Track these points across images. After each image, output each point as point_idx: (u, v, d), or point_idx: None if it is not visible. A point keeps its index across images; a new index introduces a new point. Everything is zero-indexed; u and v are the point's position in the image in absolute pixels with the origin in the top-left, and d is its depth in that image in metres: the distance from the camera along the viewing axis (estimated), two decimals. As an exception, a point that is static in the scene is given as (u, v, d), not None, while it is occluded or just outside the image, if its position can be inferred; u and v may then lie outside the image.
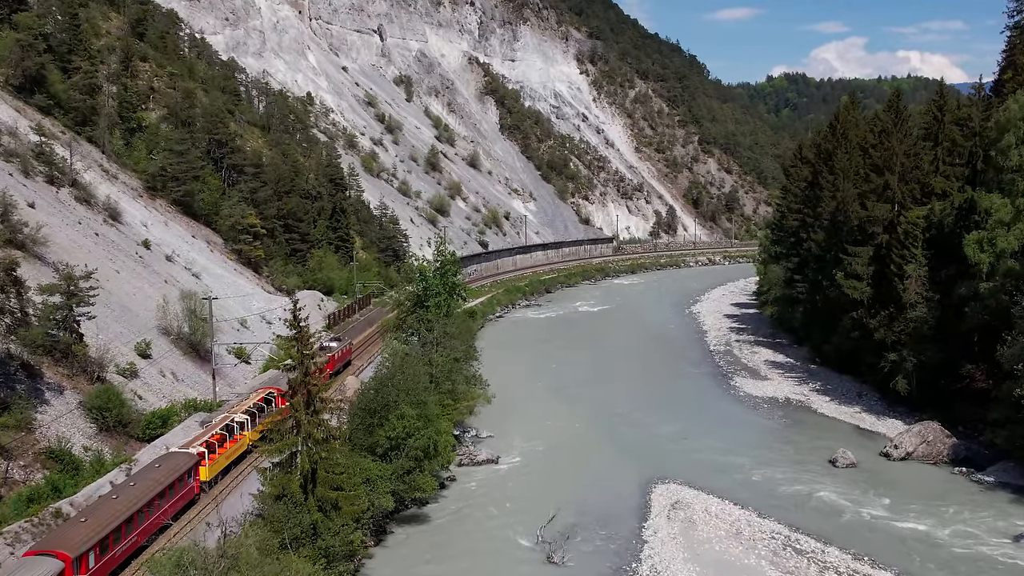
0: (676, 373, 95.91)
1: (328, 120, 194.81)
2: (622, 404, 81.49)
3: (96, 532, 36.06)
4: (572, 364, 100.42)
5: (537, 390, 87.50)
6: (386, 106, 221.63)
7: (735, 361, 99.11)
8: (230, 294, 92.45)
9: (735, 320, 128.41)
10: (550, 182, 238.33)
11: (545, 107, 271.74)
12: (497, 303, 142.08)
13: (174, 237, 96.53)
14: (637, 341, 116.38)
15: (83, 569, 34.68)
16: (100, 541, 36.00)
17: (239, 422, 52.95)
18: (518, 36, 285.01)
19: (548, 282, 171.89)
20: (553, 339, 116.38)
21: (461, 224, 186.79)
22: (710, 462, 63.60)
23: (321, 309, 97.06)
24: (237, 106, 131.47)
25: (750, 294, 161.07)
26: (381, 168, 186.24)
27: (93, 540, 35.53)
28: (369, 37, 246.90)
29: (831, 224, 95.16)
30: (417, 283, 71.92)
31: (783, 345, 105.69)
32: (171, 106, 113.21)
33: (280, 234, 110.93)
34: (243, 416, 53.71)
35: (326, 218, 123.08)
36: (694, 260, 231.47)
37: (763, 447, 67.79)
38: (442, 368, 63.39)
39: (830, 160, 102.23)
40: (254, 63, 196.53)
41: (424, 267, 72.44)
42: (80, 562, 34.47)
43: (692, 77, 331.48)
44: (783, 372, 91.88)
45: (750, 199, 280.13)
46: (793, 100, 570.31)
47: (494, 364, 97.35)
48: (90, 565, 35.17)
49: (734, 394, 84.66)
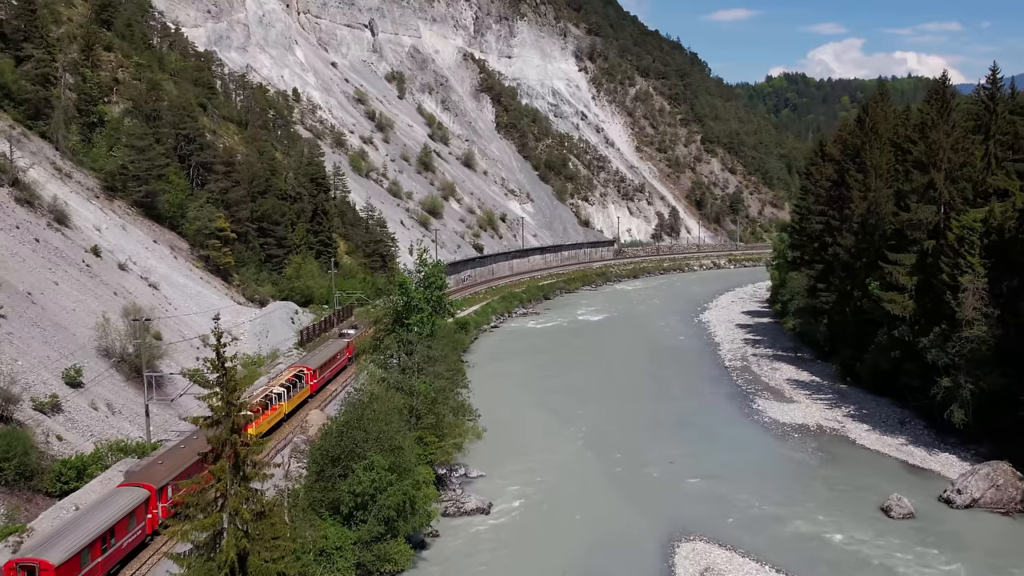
0: (691, 393, 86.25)
1: (315, 117, 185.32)
2: (633, 432, 71.84)
3: (171, 471, 43.63)
4: (574, 382, 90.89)
5: (536, 415, 77.89)
6: (377, 103, 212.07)
7: (755, 379, 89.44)
8: (193, 306, 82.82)
9: (749, 331, 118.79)
10: (548, 182, 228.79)
11: (543, 105, 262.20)
12: (492, 311, 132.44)
13: (132, 243, 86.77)
14: (645, 355, 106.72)
15: (163, 498, 42.36)
16: (175, 478, 43.21)
17: (277, 394, 60.35)
18: (515, 32, 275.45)
19: (547, 288, 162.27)
20: (553, 353, 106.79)
21: (455, 226, 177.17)
22: (742, 511, 53.93)
23: (295, 323, 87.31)
24: (211, 100, 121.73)
25: (762, 301, 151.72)
26: (370, 168, 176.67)
27: (170, 477, 43.21)
28: (360, 32, 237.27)
29: (861, 227, 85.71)
30: (396, 297, 62.22)
31: (806, 361, 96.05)
32: (136, 99, 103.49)
33: (254, 239, 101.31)
34: (280, 388, 61.24)
35: (306, 221, 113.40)
36: (698, 264, 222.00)
37: (801, 489, 58.14)
38: (425, 399, 53.72)
39: (858, 157, 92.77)
40: (237, 58, 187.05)
41: (405, 279, 62.55)
42: (161, 492, 42.29)
43: (694, 74, 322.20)
44: (810, 393, 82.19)
45: (755, 200, 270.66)
46: (793, 100, 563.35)
47: (488, 383, 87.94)
48: (169, 495, 42.38)
49: (758, 419, 74.95)
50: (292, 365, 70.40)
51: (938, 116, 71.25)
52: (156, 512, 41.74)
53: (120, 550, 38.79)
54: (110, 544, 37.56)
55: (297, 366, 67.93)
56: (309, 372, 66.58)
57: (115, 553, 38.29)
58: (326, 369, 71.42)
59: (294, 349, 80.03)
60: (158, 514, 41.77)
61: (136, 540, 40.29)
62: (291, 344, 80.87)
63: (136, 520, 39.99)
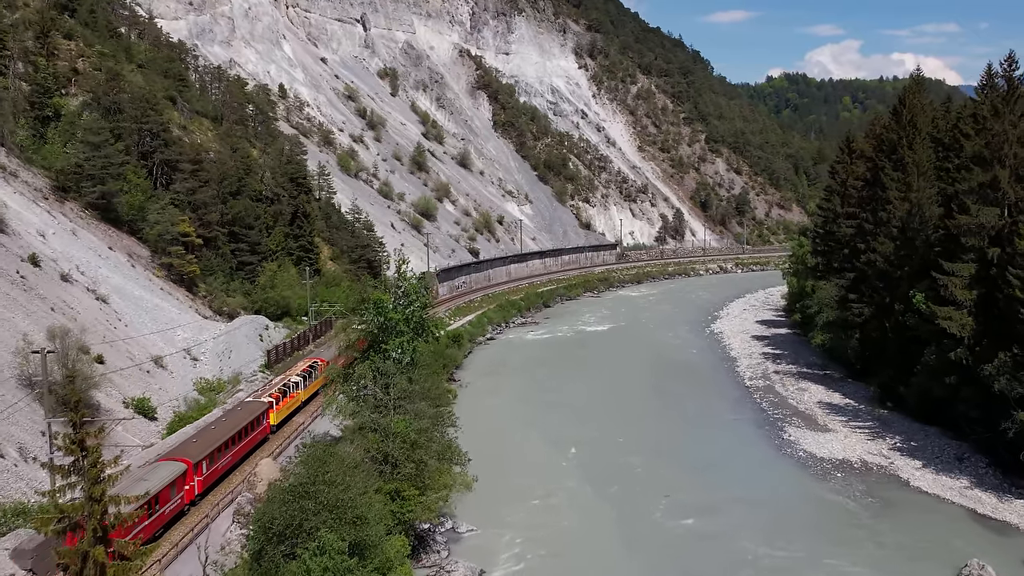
0: (709, 417, 76.69)
1: (302, 115, 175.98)
2: (650, 470, 62.25)
3: (205, 448, 47.04)
4: (578, 403, 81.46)
5: (536, 447, 68.35)
6: (368, 100, 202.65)
7: (781, 402, 79.81)
8: (148, 322, 73.27)
9: (767, 343, 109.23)
10: (547, 183, 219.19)
11: (541, 103, 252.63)
12: (488, 321, 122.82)
13: (82, 250, 77.17)
14: (655, 371, 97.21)
15: (199, 472, 45.93)
16: (208, 455, 46.79)
17: (294, 383, 63.35)
18: (513, 28, 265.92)
19: (546, 295, 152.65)
20: (554, 369, 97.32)
21: (449, 229, 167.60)
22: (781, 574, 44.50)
23: (264, 341, 77.55)
24: (182, 93, 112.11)
25: (776, 309, 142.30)
26: (360, 168, 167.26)
27: (204, 453, 46.45)
28: (351, 27, 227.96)
29: (902, 232, 76.23)
30: (370, 318, 52.58)
31: (835, 380, 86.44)
32: (95, 90, 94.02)
33: (224, 244, 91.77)
34: (297, 378, 64.23)
35: (284, 224, 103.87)
36: (704, 268, 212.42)
37: (854, 548, 48.47)
38: (402, 443, 44.14)
39: (894, 153, 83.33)
40: (221, 52, 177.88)
41: (380, 296, 52.84)
42: (197, 466, 45.70)
43: (697, 72, 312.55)
44: (847, 419, 72.56)
45: (762, 202, 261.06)
46: (794, 101, 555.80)
47: (482, 405, 78.51)
48: (203, 470, 46.29)
49: (791, 453, 65.34)
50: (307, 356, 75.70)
51: (1002, 104, 61.73)
52: (193, 484, 45.66)
53: (164, 516, 42.12)
54: (155, 509, 40.74)
55: (311, 358, 72.31)
56: (323, 363, 68.83)
57: (160, 518, 41.48)
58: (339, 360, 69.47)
59: (259, 372, 70.22)
60: (194, 487, 45.83)
61: (176, 508, 43.70)
62: (256, 366, 71.08)
63: (176, 490, 43.38)
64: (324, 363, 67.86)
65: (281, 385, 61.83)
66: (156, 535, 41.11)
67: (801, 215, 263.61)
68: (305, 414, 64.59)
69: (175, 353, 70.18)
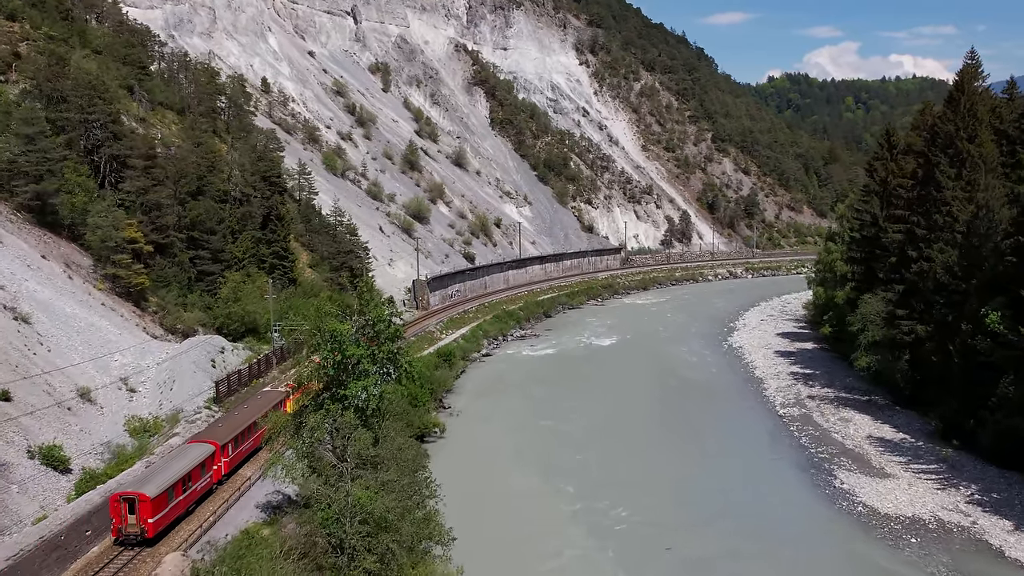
0: (743, 459, 65.29)
1: (287, 110, 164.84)
2: (674, 530, 50.98)
3: (231, 432, 50.22)
4: (583, 436, 70.41)
5: (532, 488, 57.44)
6: (358, 96, 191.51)
7: (823, 436, 68.45)
8: (80, 345, 61.88)
9: (794, 361, 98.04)
10: (547, 183, 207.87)
11: (541, 100, 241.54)
12: (484, 335, 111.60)
13: (7, 259, 65.72)
14: (670, 394, 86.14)
15: (225, 453, 48.75)
16: (234, 438, 49.90)
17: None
18: (511, 22, 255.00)
19: (547, 304, 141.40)
20: (555, 392, 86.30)
21: (443, 233, 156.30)
22: None
23: (217, 366, 65.95)
24: (143, 82, 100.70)
25: (795, 319, 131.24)
26: (348, 166, 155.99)
27: (230, 436, 49.58)
28: (341, 19, 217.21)
29: (966, 238, 65.09)
30: (325, 356, 41.11)
31: (881, 408, 75.15)
32: (36, 76, 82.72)
33: (181, 252, 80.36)
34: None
35: (255, 228, 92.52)
36: (713, 273, 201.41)
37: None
38: (361, 528, 32.85)
39: (950, 147, 72.23)
40: (200, 44, 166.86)
41: (338, 326, 41.20)
42: (224, 448, 48.53)
43: (702, 69, 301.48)
44: (906, 461, 61.25)
45: (771, 203, 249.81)
46: (796, 101, 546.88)
47: (473, 439, 67.41)
48: (229, 452, 49.26)
49: (846, 506, 54.07)
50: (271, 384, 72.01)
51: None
52: (220, 465, 48.00)
53: (195, 492, 44.57)
54: (188, 486, 43.42)
55: None
56: None
57: (192, 494, 43.96)
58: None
59: (204, 408, 58.55)
60: (222, 467, 48.12)
61: (206, 486, 46.27)
62: (203, 400, 59.49)
63: (206, 469, 46.05)
64: None
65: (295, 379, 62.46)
66: (189, 510, 43.76)
67: (813, 217, 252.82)
68: None
69: (109, 384, 58.81)
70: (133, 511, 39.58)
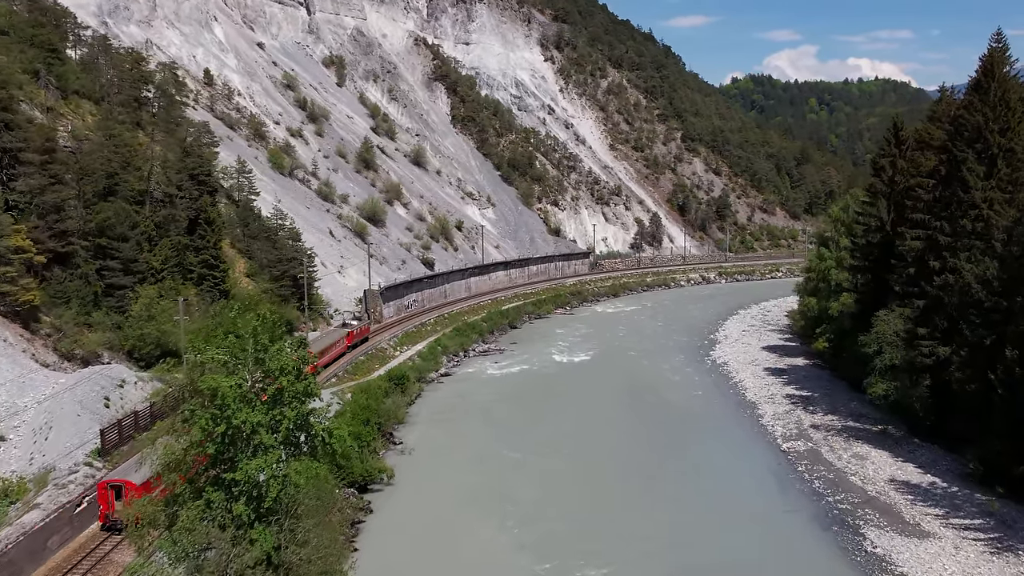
0: (748, 510, 54.76)
1: (231, 104, 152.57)
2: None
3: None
4: (556, 478, 59.94)
5: (498, 554, 46.56)
6: (310, 90, 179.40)
7: (839, 479, 58.31)
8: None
9: (787, 380, 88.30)
10: (512, 184, 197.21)
11: (505, 97, 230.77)
12: (443, 351, 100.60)
13: None
14: (656, 424, 75.93)
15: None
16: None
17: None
18: (473, 16, 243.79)
19: (512, 314, 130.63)
20: (521, 418, 75.93)
21: (400, 236, 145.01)
22: None
23: (112, 406, 54.18)
24: (52, 67, 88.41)
25: (780, 330, 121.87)
26: (297, 165, 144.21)
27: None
28: (294, 10, 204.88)
29: (1007, 247, 55.46)
30: (202, 424, 29.84)
31: (898, 441, 65.27)
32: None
33: (85, 263, 68.63)
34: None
35: (180, 233, 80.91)
36: (685, 278, 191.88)
37: None
38: None
39: (978, 141, 62.74)
40: (137, 32, 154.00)
41: (221, 382, 29.74)
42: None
43: (670, 66, 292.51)
44: (944, 514, 51.25)
45: (743, 205, 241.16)
46: (759, 102, 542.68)
47: (426, 482, 56.52)
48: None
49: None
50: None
51: None
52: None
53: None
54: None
55: None
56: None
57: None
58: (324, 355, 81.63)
59: (86, 463, 46.86)
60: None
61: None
62: (84, 453, 47.77)
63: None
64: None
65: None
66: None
67: (786, 219, 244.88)
68: None
69: (-32, 429, 47.17)
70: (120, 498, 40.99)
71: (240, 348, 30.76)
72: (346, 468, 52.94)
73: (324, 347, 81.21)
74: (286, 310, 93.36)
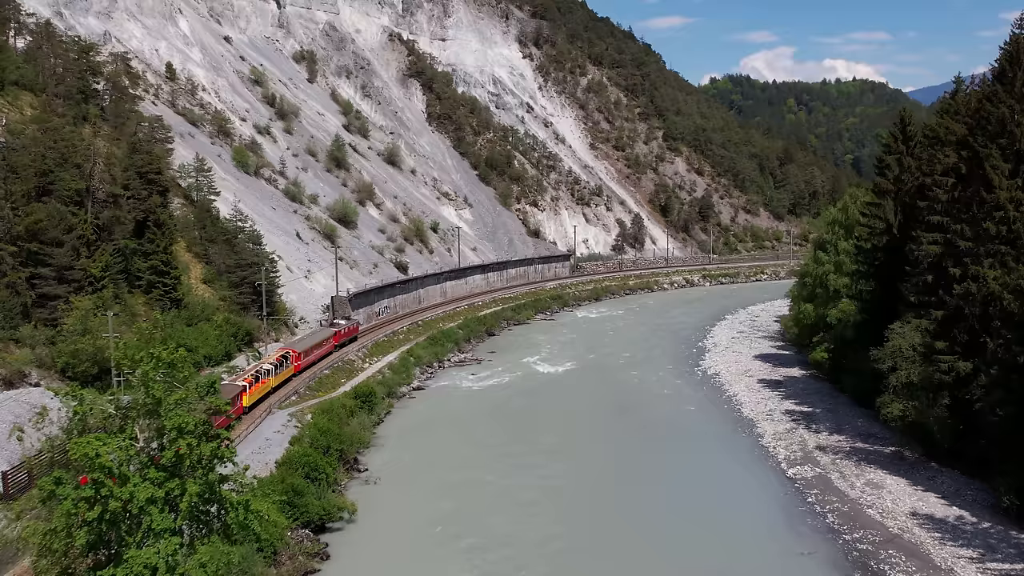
0: (757, 552, 48.19)
1: (194, 99, 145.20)
2: None
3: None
4: (538, 505, 53.42)
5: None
6: (279, 86, 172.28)
7: (853, 512, 52.18)
8: None
9: (785, 393, 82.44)
10: (489, 184, 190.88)
11: (482, 94, 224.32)
12: (416, 362, 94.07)
13: None
14: (648, 444, 69.73)
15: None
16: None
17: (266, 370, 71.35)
18: (450, 12, 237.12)
19: (490, 320, 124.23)
20: (500, 439, 69.35)
21: (372, 239, 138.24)
22: None
23: (24, 438, 47.15)
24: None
25: (771, 336, 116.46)
26: (263, 163, 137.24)
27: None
28: (263, 3, 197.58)
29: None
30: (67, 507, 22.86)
31: (913, 464, 59.47)
32: None
33: (12, 270, 61.57)
34: (269, 366, 72.35)
35: (126, 237, 73.94)
36: (669, 281, 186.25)
37: None
38: None
39: (1002, 135, 56.96)
40: (96, 24, 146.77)
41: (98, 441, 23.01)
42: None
43: (651, 64, 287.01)
44: (980, 556, 45.18)
45: (727, 205, 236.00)
46: (738, 103, 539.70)
47: (393, 517, 49.78)
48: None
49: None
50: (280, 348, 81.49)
51: None
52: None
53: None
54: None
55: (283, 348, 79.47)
56: (295, 354, 77.88)
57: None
58: (311, 353, 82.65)
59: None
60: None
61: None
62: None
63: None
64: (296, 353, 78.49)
65: (254, 372, 69.52)
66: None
67: (770, 220, 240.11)
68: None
69: None
70: None
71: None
72: (300, 507, 46.36)
73: (310, 346, 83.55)
74: (245, 319, 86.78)
